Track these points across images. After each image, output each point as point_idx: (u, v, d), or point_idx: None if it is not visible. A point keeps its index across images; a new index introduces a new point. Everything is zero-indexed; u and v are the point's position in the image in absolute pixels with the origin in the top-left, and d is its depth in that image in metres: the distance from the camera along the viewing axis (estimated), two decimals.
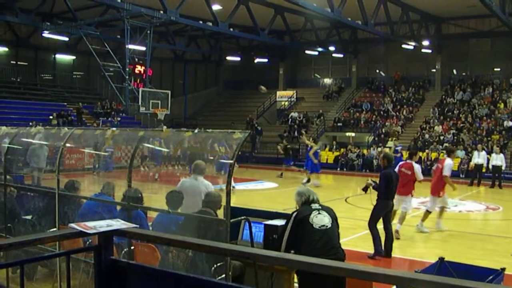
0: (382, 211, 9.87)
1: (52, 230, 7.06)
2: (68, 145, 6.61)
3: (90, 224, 3.18)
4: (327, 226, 5.33)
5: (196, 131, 5.69)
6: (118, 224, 3.26)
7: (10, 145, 7.48)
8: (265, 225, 5.75)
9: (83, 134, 6.73)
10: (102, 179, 18.24)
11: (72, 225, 3.18)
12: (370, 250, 10.11)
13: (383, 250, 9.71)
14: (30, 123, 26.94)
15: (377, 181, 10.02)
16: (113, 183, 7.13)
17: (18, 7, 28.76)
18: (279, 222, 5.75)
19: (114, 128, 5.80)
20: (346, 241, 9.53)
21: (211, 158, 6.54)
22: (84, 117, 32.35)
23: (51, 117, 29.88)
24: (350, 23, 28.65)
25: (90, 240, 4.91)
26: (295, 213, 5.49)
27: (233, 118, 40.88)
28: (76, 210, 7.41)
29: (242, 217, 5.66)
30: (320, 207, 5.48)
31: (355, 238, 11.40)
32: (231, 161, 4.81)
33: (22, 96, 33.25)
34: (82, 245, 5.31)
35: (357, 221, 13.30)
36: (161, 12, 26.26)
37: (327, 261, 2.52)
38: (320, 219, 5.35)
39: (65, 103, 33.90)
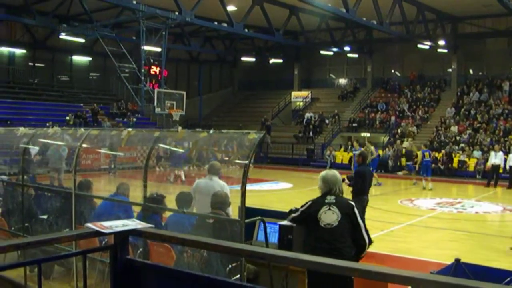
0: (361, 206, 9.86)
1: (68, 230, 7.13)
2: (84, 145, 6.66)
3: (106, 223, 3.21)
4: (332, 225, 5.17)
5: (211, 131, 5.69)
6: (134, 224, 3.29)
7: (27, 146, 7.55)
8: (280, 225, 5.73)
9: (99, 134, 6.79)
10: (118, 179, 18.39)
11: (89, 224, 3.21)
12: (385, 250, 10.07)
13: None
14: (47, 124, 27.19)
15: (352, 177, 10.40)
16: (128, 184, 7.17)
17: (36, 10, 29.02)
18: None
19: (129, 129, 5.84)
20: None
21: (226, 158, 6.54)
22: (100, 117, 32.59)
23: (67, 117, 30.13)
24: (365, 23, 28.49)
25: (106, 240, 4.95)
26: (309, 203, 5.43)
27: (248, 118, 40.90)
28: (92, 210, 7.47)
29: (257, 218, 5.66)
30: (333, 201, 5.27)
31: (372, 239, 11.20)
32: (246, 162, 4.82)
33: (39, 97, 33.59)
34: (98, 244, 5.35)
35: (372, 222, 13.13)
36: (176, 13, 26.33)
37: (342, 262, 2.52)
38: (328, 216, 5.21)
39: (81, 104, 34.19)
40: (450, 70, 36.65)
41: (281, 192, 19.32)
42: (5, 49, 34.77)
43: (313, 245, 5.23)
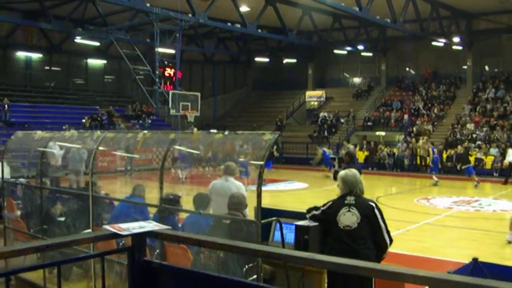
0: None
1: (86, 231, 7.20)
2: (101, 148, 6.72)
3: (123, 225, 3.24)
4: (351, 227, 5.10)
5: (226, 133, 5.71)
6: (151, 225, 3.31)
7: (45, 149, 7.64)
8: (296, 225, 5.74)
9: (115, 137, 6.84)
10: (134, 180, 18.48)
11: (106, 226, 3.25)
12: (402, 250, 10.00)
13: None
14: (64, 127, 27.41)
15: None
16: (143, 185, 7.22)
17: (52, 14, 29.29)
18: (311, 223, 5.73)
19: (145, 131, 5.89)
20: None
21: (242, 159, 6.55)
22: (115, 119, 32.82)
23: (83, 120, 30.37)
24: (379, 22, 28.38)
25: (123, 241, 4.99)
26: (330, 203, 5.40)
27: (263, 119, 40.95)
28: (109, 211, 7.54)
29: (273, 218, 5.66)
30: (353, 202, 5.20)
31: None
32: (261, 163, 4.83)
33: (56, 101, 33.91)
34: (115, 246, 5.40)
35: (389, 221, 12.86)
36: (190, 15, 26.44)
37: (358, 262, 2.52)
38: (347, 218, 5.14)
39: (97, 107, 34.43)
40: (465, 67, 36.35)
41: (297, 192, 19.32)
42: (22, 54, 35.16)
43: (331, 246, 5.21)
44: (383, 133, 34.33)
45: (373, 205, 5.26)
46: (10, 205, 9.56)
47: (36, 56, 35.82)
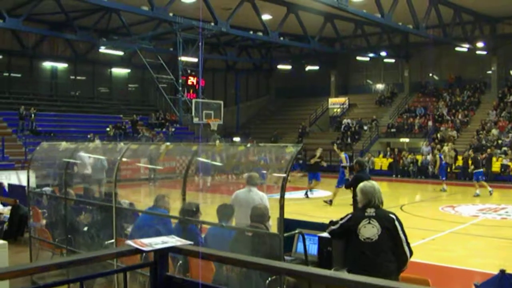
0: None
1: (110, 241, 7.25)
2: (124, 159, 6.77)
3: (146, 241, 3.25)
4: (372, 239, 5.02)
5: (248, 145, 5.72)
6: (173, 241, 3.32)
7: (69, 160, 7.73)
8: (319, 237, 5.72)
9: (138, 149, 6.90)
10: (157, 189, 18.60)
11: (129, 242, 3.26)
12: (427, 259, 9.84)
13: None
14: (88, 136, 27.79)
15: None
16: (166, 195, 7.24)
17: (77, 25, 29.72)
18: None
19: (168, 143, 5.92)
20: None
21: (264, 172, 6.55)
22: (139, 128, 33.09)
23: (108, 129, 30.66)
24: (401, 28, 28.18)
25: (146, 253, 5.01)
26: (349, 216, 5.36)
27: (286, 126, 40.96)
28: (133, 222, 7.58)
29: (296, 231, 5.64)
30: (373, 214, 5.11)
31: (412, 248, 10.85)
32: (284, 175, 4.81)
33: (81, 110, 34.34)
34: (139, 259, 5.42)
35: (413, 230, 12.90)
36: (212, 24, 26.58)
37: (381, 280, 2.49)
38: (368, 230, 5.06)
39: (121, 115, 34.77)
40: (490, 72, 35.91)
41: (320, 200, 19.16)
42: (48, 64, 35.72)
43: (352, 259, 5.16)
44: (407, 140, 34.02)
45: (394, 217, 5.18)
46: (35, 214, 9.69)
47: (61, 66, 36.36)
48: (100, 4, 24.37)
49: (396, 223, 5.11)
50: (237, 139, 37.45)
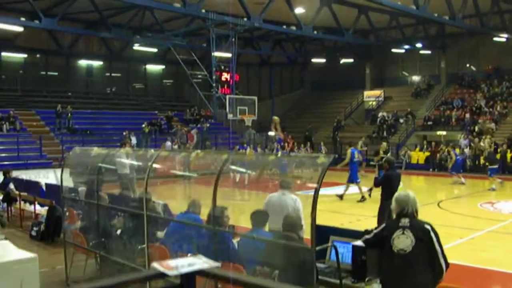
0: (387, 210, 10.16)
1: (142, 246, 7.26)
2: (155, 165, 6.76)
3: (172, 263, 3.17)
4: (405, 251, 4.85)
5: (279, 154, 5.63)
6: (200, 262, 3.23)
7: (102, 165, 7.77)
8: (353, 246, 5.58)
9: (169, 156, 6.87)
10: (191, 187, 18.60)
11: (155, 265, 3.19)
12: (465, 260, 9.52)
13: None
14: (124, 133, 28.09)
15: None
16: (199, 201, 7.22)
17: (111, 23, 30.01)
18: None
19: (198, 151, 5.87)
20: None
21: (298, 182, 6.45)
22: (174, 123, 33.28)
23: (143, 125, 30.88)
24: (437, 19, 27.62)
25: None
26: (383, 226, 5.22)
27: (321, 119, 40.67)
28: (165, 226, 7.57)
29: (328, 245, 5.52)
30: (408, 225, 4.94)
31: (449, 249, 10.32)
32: (316, 186, 4.70)
33: (116, 106, 34.71)
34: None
35: (451, 228, 12.67)
36: (245, 19, 26.50)
37: None
38: (401, 241, 4.89)
39: (156, 111, 35.03)
40: None
41: (354, 197, 18.89)
42: (83, 62, 36.25)
43: (386, 270, 5.02)
44: (444, 133, 33.33)
45: (429, 228, 4.97)
46: (70, 215, 9.77)
47: (97, 63, 36.86)
48: (133, 2, 24.52)
49: (432, 234, 4.91)
50: (272, 133, 37.28)
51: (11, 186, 14.95)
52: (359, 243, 5.61)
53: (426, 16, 26.58)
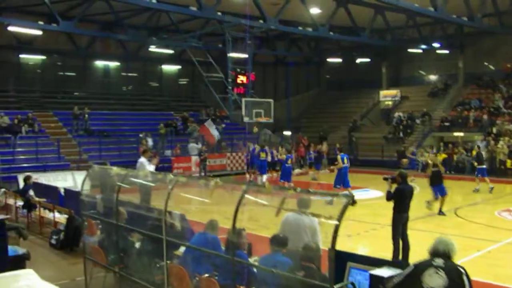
0: (399, 224, 10.61)
1: (161, 264, 7.35)
2: (174, 190, 6.84)
3: None
4: None
5: (298, 190, 5.67)
6: None
7: (121, 184, 7.86)
8: (370, 275, 5.61)
9: (187, 182, 6.95)
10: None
11: None
12: (482, 276, 9.38)
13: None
14: (140, 135, 28.26)
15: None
16: (217, 222, 7.27)
17: (127, 24, 30.18)
18: (386, 272, 5.56)
19: (217, 180, 5.93)
20: None
21: (316, 220, 6.48)
22: (190, 124, 33.39)
23: (159, 127, 31.01)
24: (456, 21, 27.37)
25: None
26: (414, 265, 5.17)
27: (337, 119, 40.60)
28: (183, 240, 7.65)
29: (348, 283, 5.54)
30: (442, 265, 4.94)
31: (467, 262, 10.15)
32: (336, 222, 4.72)
33: (132, 107, 34.94)
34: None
35: (469, 240, 12.56)
36: (261, 21, 26.51)
37: None
38: (434, 280, 4.88)
39: (172, 112, 35.19)
40: None
41: (372, 202, 18.82)
42: (100, 63, 36.53)
43: None
44: (461, 134, 33.04)
45: (463, 271, 4.96)
46: (90, 226, 9.87)
47: (113, 64, 37.13)
48: (149, 6, 24.63)
49: (465, 277, 4.90)
50: (287, 133, 37.34)
51: (31, 192, 15.15)
52: (376, 272, 5.64)
53: (444, 18, 26.38)
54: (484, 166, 22.09)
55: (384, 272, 5.62)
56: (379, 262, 5.96)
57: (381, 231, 13.14)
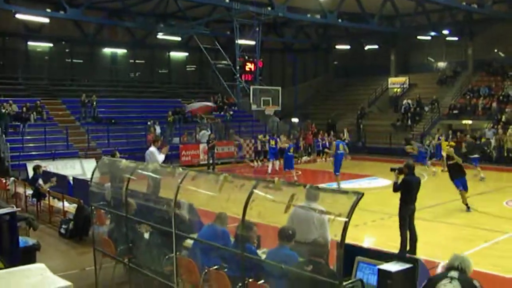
0: (406, 215, 10.56)
1: (169, 256, 7.38)
2: (183, 184, 6.86)
3: None
4: None
5: (308, 186, 5.66)
6: None
7: (130, 176, 7.90)
8: (379, 269, 5.62)
9: (197, 176, 6.97)
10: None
11: None
12: (489, 268, 9.36)
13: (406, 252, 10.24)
14: (148, 123, 28.27)
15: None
16: (226, 214, 7.29)
17: (134, 11, 30.11)
18: (394, 267, 5.58)
19: (226, 174, 5.93)
20: None
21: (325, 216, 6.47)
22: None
23: (167, 115, 30.98)
24: (465, 7, 27.13)
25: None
26: (430, 278, 5.36)
27: (344, 106, 40.48)
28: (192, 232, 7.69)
29: (357, 279, 5.55)
30: (456, 277, 5.07)
31: (474, 254, 10.21)
32: (346, 219, 4.72)
33: (140, 95, 34.93)
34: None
35: (476, 230, 12.55)
36: (269, 8, 26.39)
37: None
38: None
39: (179, 99, 35.12)
40: None
41: (380, 191, 18.70)
42: (108, 50, 36.56)
43: None
44: (469, 122, 32.84)
45: (478, 285, 5.07)
46: (99, 216, 9.93)
47: (121, 51, 37.13)
48: None
49: None
50: (295, 120, 37.28)
51: (40, 181, 15.23)
52: (385, 267, 5.66)
53: (453, 5, 26.16)
54: (477, 156, 22.20)
55: (391, 266, 5.64)
56: (387, 256, 5.97)
57: (389, 221, 13.09)
